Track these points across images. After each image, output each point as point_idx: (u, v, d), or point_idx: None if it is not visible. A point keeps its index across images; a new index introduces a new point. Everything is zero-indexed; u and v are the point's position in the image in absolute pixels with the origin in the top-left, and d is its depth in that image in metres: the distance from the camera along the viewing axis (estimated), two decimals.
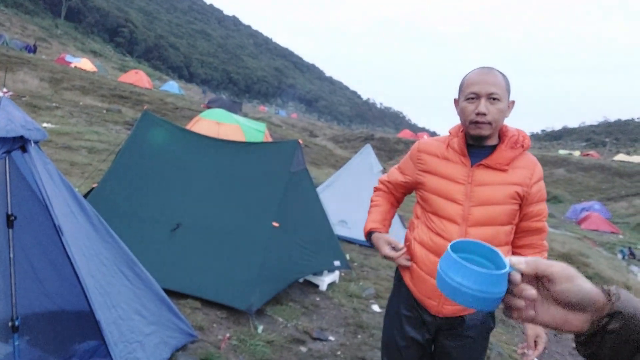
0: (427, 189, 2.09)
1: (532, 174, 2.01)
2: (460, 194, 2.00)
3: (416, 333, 2.15)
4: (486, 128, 1.94)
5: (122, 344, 2.56)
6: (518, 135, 2.03)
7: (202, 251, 4.31)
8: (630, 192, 34.47)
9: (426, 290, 2.08)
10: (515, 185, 1.98)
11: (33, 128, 2.33)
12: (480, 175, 2.00)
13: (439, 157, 2.08)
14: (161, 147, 4.94)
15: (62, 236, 2.31)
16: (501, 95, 1.92)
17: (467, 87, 1.96)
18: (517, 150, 2.01)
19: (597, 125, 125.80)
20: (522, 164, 2.02)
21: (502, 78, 1.95)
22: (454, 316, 2.09)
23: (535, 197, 2.03)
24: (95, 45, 64.50)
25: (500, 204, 1.98)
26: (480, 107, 1.91)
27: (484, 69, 1.99)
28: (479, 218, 1.99)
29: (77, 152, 9.99)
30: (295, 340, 3.97)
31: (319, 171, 15.27)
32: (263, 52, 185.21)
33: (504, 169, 1.99)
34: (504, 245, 2.04)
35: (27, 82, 17.74)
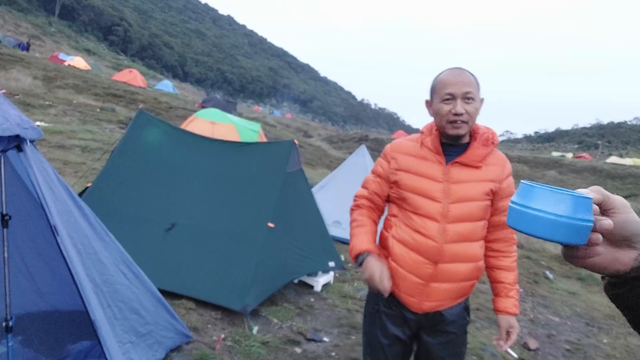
0: (403, 187, 2.12)
1: (503, 170, 2.11)
2: (439, 192, 2.05)
3: (398, 330, 2.19)
4: (463, 127, 2.00)
5: (117, 344, 2.55)
6: (488, 132, 2.11)
7: (197, 251, 4.30)
8: (622, 194, 34.68)
9: (407, 288, 2.12)
10: (489, 182, 2.07)
11: (29, 127, 2.32)
12: (456, 173, 2.05)
13: (414, 156, 2.12)
14: (156, 146, 4.92)
15: (57, 236, 2.30)
16: (475, 95, 1.98)
17: (442, 88, 2.00)
18: (489, 147, 2.08)
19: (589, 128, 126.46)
20: (494, 160, 2.11)
21: (474, 78, 2.02)
22: (433, 311, 2.13)
23: (505, 192, 2.11)
24: (89, 44, 64.15)
25: (476, 200, 2.05)
26: (458, 108, 1.96)
27: (455, 69, 2.04)
28: (457, 214, 2.04)
29: (71, 151, 9.94)
30: (290, 341, 3.97)
31: (314, 172, 15.26)
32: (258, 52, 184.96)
33: (479, 166, 2.06)
34: (479, 240, 2.12)
35: (20, 80, 17.61)
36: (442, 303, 2.12)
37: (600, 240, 0.74)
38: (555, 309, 6.63)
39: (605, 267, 0.79)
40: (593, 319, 6.47)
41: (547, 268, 9.21)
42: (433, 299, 2.10)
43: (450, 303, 2.14)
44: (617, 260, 0.79)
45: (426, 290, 2.08)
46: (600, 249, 0.76)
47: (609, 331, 6.01)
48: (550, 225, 0.71)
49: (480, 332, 5.11)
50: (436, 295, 2.09)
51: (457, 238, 2.04)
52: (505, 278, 2.18)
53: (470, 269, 2.10)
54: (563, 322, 6.12)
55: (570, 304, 7.02)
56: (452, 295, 2.12)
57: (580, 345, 5.38)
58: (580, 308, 6.92)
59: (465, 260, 2.08)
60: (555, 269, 9.33)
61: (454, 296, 2.13)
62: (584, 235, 0.72)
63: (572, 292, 7.81)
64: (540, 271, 8.72)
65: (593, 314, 6.71)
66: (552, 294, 7.42)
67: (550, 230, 0.72)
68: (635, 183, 36.27)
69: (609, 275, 0.82)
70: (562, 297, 7.36)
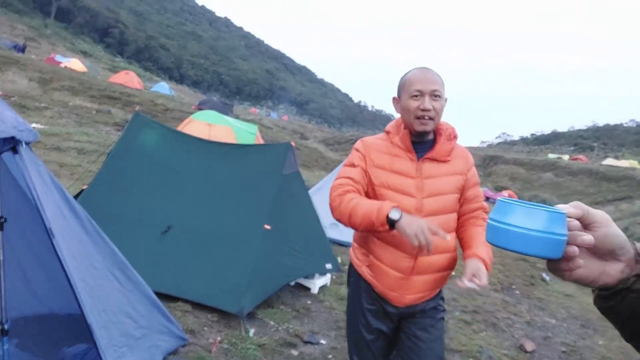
0: (381, 184, 2.16)
1: (467, 162, 2.24)
2: (413, 188, 2.12)
3: (381, 324, 2.26)
4: (430, 124, 2.08)
5: (112, 348, 2.54)
6: (450, 128, 2.22)
7: (193, 254, 4.29)
8: (617, 196, 34.83)
9: (388, 283, 2.18)
10: (458, 175, 2.19)
11: (24, 129, 2.31)
12: (427, 168, 2.14)
13: (387, 154, 2.19)
14: (152, 148, 4.91)
15: (53, 238, 2.29)
16: (441, 93, 2.08)
17: (411, 86, 2.08)
18: (452, 142, 2.19)
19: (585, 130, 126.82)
20: (458, 154, 2.23)
21: (439, 76, 2.11)
22: (414, 304, 2.20)
23: (471, 182, 2.24)
24: (85, 46, 63.97)
25: (448, 193, 2.16)
26: (426, 104, 2.05)
27: (423, 69, 2.13)
28: (431, 208, 2.12)
29: (67, 153, 9.91)
30: (287, 343, 3.97)
31: (310, 173, 15.25)
32: (254, 54, 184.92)
33: (447, 160, 2.17)
34: (453, 231, 2.21)
35: (15, 82, 17.55)
36: (423, 295, 2.20)
37: (576, 253, 0.75)
38: (551, 311, 6.64)
39: (593, 280, 0.81)
40: (588, 321, 6.49)
41: (544, 270, 9.23)
42: (414, 291, 2.17)
43: (430, 294, 2.23)
44: (605, 273, 0.80)
45: (407, 284, 2.15)
46: (580, 261, 0.77)
47: (605, 333, 6.02)
48: (525, 240, 0.74)
49: (477, 334, 5.11)
50: (417, 288, 2.16)
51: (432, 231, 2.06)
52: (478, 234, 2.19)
53: (447, 259, 2.18)
54: (559, 324, 6.13)
55: (566, 306, 7.04)
56: (431, 286, 2.20)
57: (576, 347, 5.39)
58: (576, 310, 6.93)
59: (442, 252, 2.15)
60: None
61: (433, 287, 2.22)
62: (559, 249, 0.74)
63: (568, 294, 7.83)
64: (537, 274, 8.74)
65: (589, 316, 6.73)
66: (548, 297, 7.44)
67: (525, 244, 0.74)
68: (630, 185, 36.39)
69: (599, 288, 0.83)
70: (558, 300, 7.38)
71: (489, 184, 38.15)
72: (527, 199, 10.77)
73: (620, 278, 0.80)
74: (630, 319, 0.80)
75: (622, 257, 0.79)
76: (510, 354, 4.78)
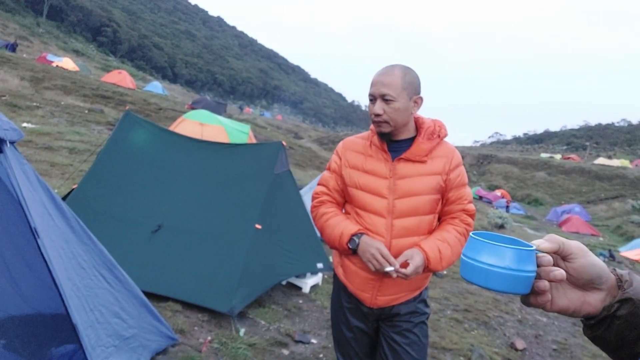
0: (352, 184, 2.16)
1: (450, 162, 2.10)
2: (385, 188, 2.07)
3: (360, 322, 2.25)
4: (385, 126, 2.03)
5: (100, 348, 2.52)
6: (434, 126, 2.13)
7: (184, 253, 4.27)
8: (610, 195, 35.07)
9: (359, 284, 2.16)
10: (435, 175, 2.08)
11: (9, 128, 2.28)
12: (401, 169, 2.07)
13: (362, 154, 2.16)
14: (143, 147, 4.89)
15: (37, 238, 2.27)
16: (395, 96, 1.98)
17: (369, 89, 2.05)
18: (434, 140, 2.10)
19: (578, 129, 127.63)
20: (441, 153, 2.11)
21: (401, 77, 1.99)
22: (388, 306, 2.16)
23: (454, 183, 2.11)
24: (78, 45, 63.64)
25: (421, 194, 2.07)
26: (375, 108, 2.01)
27: (383, 69, 2.04)
28: (402, 210, 2.06)
29: (58, 152, 9.84)
30: (278, 343, 3.95)
31: (304, 173, 15.23)
32: (248, 53, 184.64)
33: (423, 160, 2.08)
34: (426, 233, 2.12)
35: (7, 81, 17.41)
36: (397, 297, 2.14)
37: (547, 287, 0.77)
38: (542, 310, 6.66)
39: (575, 310, 0.82)
40: (580, 320, 6.51)
41: None
42: (386, 293, 2.13)
43: (405, 297, 2.16)
44: (586, 303, 0.80)
45: (378, 285, 2.12)
46: (548, 296, 0.79)
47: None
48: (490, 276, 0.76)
49: (468, 332, 5.12)
50: (389, 290, 2.12)
51: (403, 233, 2.06)
52: (441, 231, 2.12)
53: None
54: (550, 323, 6.16)
55: None
56: (405, 288, 2.14)
57: (567, 345, 5.41)
58: None
59: None
60: None
61: (407, 289, 2.15)
62: (526, 285, 0.77)
63: None
64: None
65: None
66: None
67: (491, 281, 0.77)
68: (623, 184, 36.64)
69: (583, 318, 0.84)
70: None
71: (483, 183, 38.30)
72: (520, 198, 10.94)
73: (602, 306, 0.80)
74: (621, 347, 0.80)
75: (602, 286, 0.80)
76: (502, 352, 4.79)
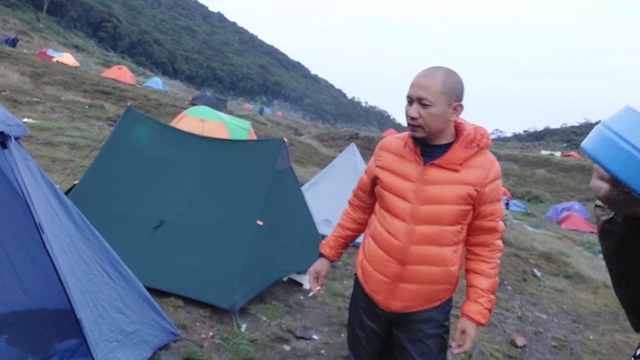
0: (381, 185, 2.14)
1: (487, 174, 1.99)
2: (410, 192, 2.02)
3: (373, 324, 2.22)
4: (419, 131, 1.96)
5: (103, 343, 2.54)
6: (475, 134, 2.02)
7: (185, 249, 4.27)
8: None
9: (374, 285, 2.14)
10: (467, 186, 1.97)
11: (13, 123, 2.29)
12: (431, 174, 2.00)
13: (395, 155, 2.12)
14: (144, 143, 4.89)
15: (42, 234, 2.28)
16: (433, 100, 1.89)
17: (408, 89, 1.98)
18: (471, 149, 1.99)
19: (578, 127, 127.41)
20: (478, 163, 2.00)
21: (441, 81, 1.91)
22: (401, 312, 2.10)
23: (488, 197, 2.01)
24: (78, 40, 63.53)
25: (447, 203, 1.98)
26: (410, 111, 1.94)
27: (425, 70, 1.97)
28: (425, 216, 2.00)
29: (59, 148, 9.84)
30: (279, 339, 3.97)
31: (304, 170, 15.25)
32: (248, 49, 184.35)
33: (456, 168, 1.98)
34: (452, 245, 2.04)
35: (7, 76, 17.38)
36: (410, 305, 2.09)
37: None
38: (542, 307, 6.68)
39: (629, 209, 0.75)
40: (579, 316, 6.54)
41: (536, 266, 9.29)
42: (400, 298, 2.08)
43: (420, 306, 2.09)
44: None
45: (393, 290, 2.07)
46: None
47: (595, 328, 6.08)
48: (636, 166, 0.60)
49: None
50: (403, 296, 2.07)
51: (423, 240, 2.01)
52: (478, 282, 2.09)
53: (440, 272, 2.04)
54: (550, 319, 6.18)
55: (557, 302, 7.09)
56: (420, 297, 2.08)
57: (567, 341, 5.43)
58: (567, 305, 6.99)
59: (433, 264, 2.03)
60: (543, 267, 9.41)
61: (423, 299, 2.08)
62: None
63: (559, 289, 7.88)
64: (529, 269, 8.79)
65: (580, 311, 6.78)
66: (539, 292, 7.48)
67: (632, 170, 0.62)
68: None
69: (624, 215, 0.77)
70: (550, 295, 7.43)
71: None
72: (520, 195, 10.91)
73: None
74: None
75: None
76: (502, 349, 4.81)
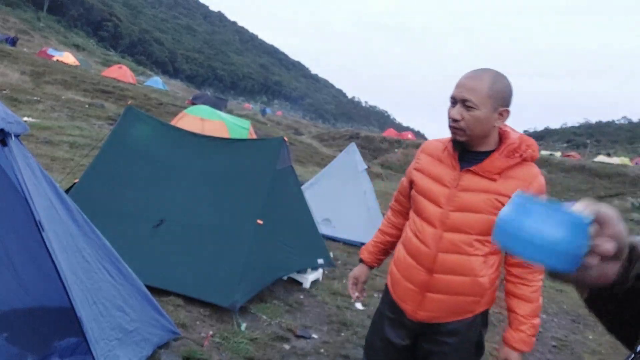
0: (416, 188, 2.07)
1: (527, 187, 1.85)
2: (443, 197, 1.93)
3: (395, 336, 2.11)
4: (460, 134, 1.86)
5: (103, 341, 2.53)
6: (519, 143, 1.90)
7: (186, 248, 4.28)
8: (610, 192, 35.02)
9: (401, 293, 2.06)
10: (502, 196, 1.84)
11: (14, 121, 2.29)
12: (466, 181, 1.91)
13: (433, 158, 2.03)
14: (145, 142, 4.89)
15: (42, 232, 2.28)
16: (477, 103, 1.80)
17: (453, 89, 1.88)
18: (512, 159, 1.88)
19: (578, 127, 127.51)
20: (518, 174, 1.88)
21: (489, 83, 1.81)
22: (429, 322, 2.01)
23: None
24: (79, 39, 63.51)
25: (480, 212, 1.88)
26: (452, 112, 1.85)
27: (472, 71, 1.88)
28: (455, 223, 1.91)
29: (59, 147, 9.84)
30: (279, 337, 3.97)
31: (304, 169, 15.24)
32: (249, 49, 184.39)
33: (493, 177, 1.87)
34: (480, 255, 1.94)
35: (7, 75, 17.39)
36: (437, 315, 1.99)
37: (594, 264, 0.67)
38: (542, 306, 6.68)
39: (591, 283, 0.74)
40: (579, 316, 6.53)
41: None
42: (427, 309, 1.98)
43: (447, 317, 2.00)
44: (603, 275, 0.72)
45: (420, 299, 1.98)
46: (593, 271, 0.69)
47: (595, 328, 6.07)
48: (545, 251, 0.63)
49: None
50: (430, 306, 1.98)
51: (451, 248, 1.92)
52: (518, 308, 1.97)
53: (467, 283, 1.93)
54: (550, 319, 6.17)
55: (557, 301, 7.08)
56: (448, 308, 1.98)
57: (566, 341, 5.43)
58: (567, 305, 6.98)
59: (460, 273, 1.93)
60: None
61: (451, 310, 1.99)
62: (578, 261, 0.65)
63: (559, 289, 7.87)
64: None
65: (579, 311, 6.77)
66: None
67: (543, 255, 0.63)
68: (622, 182, 36.59)
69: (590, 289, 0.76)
70: (550, 295, 7.42)
71: None
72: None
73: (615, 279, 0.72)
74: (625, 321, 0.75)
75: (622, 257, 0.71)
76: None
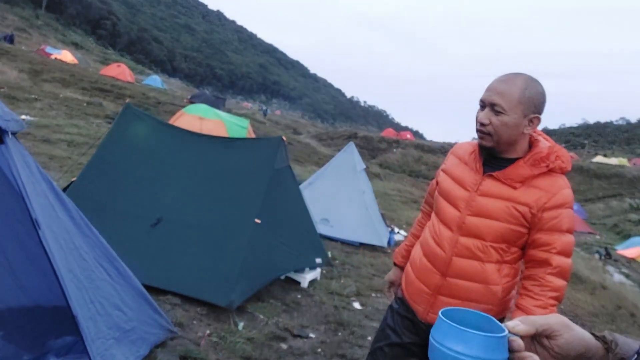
0: (439, 189, 2.06)
1: (549, 198, 1.81)
2: (462, 201, 1.92)
3: (405, 335, 2.10)
4: (487, 139, 1.83)
5: (100, 340, 2.53)
6: (548, 153, 1.85)
7: (183, 247, 4.27)
8: (607, 193, 35.09)
9: (413, 294, 2.05)
10: (521, 205, 1.82)
11: (10, 119, 2.28)
12: (486, 185, 1.88)
13: (460, 160, 2.02)
14: (143, 141, 4.88)
15: (38, 230, 2.26)
16: (507, 108, 1.76)
17: (483, 92, 1.85)
18: (538, 168, 1.83)
19: (576, 127, 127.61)
20: (542, 184, 1.83)
21: (520, 88, 1.77)
22: None
23: (546, 224, 1.81)
24: (77, 37, 63.39)
25: (495, 218, 1.85)
26: (480, 116, 1.82)
27: (504, 75, 1.84)
28: (471, 228, 1.90)
29: (57, 145, 9.82)
30: (276, 337, 3.96)
31: (302, 169, 15.24)
32: (247, 48, 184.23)
33: (514, 185, 1.83)
34: (494, 262, 1.90)
35: (5, 73, 17.35)
36: None
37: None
38: None
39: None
40: (577, 317, 6.55)
41: None
42: (437, 312, 1.96)
43: None
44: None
45: (432, 301, 1.98)
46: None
47: (592, 328, 6.08)
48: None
49: None
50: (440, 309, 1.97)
51: (465, 253, 1.91)
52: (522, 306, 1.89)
53: (481, 290, 1.90)
54: None
55: None
56: None
57: None
58: (565, 305, 6.99)
59: (473, 280, 1.90)
60: None
61: None
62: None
63: None
64: None
65: (577, 311, 6.79)
66: None
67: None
68: (620, 182, 36.66)
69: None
70: None
71: None
72: None
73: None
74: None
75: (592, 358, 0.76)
76: None
